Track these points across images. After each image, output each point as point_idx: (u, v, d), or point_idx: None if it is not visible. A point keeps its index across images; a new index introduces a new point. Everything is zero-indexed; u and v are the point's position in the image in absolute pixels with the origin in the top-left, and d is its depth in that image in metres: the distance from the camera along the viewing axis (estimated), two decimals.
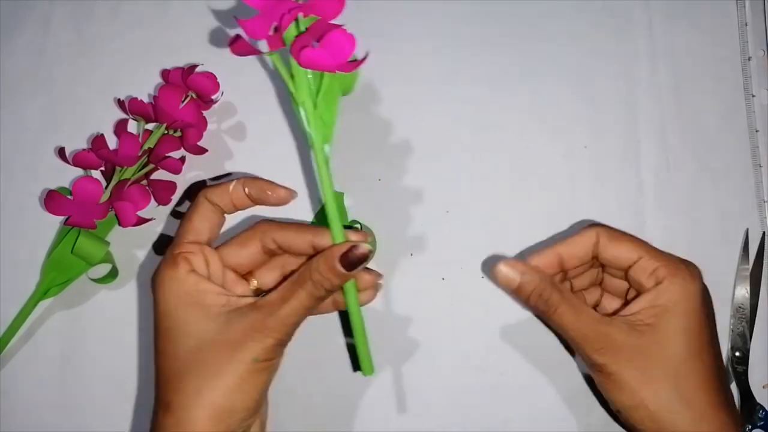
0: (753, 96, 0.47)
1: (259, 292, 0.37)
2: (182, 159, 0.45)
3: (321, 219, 0.44)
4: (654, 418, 0.33)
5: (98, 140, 0.44)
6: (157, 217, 0.45)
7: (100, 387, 0.43)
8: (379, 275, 0.37)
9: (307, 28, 0.31)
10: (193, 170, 0.46)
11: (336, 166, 0.45)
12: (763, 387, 0.42)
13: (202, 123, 0.46)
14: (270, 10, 0.30)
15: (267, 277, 0.38)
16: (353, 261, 0.33)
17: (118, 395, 0.43)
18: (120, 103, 0.45)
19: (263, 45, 0.32)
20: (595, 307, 0.39)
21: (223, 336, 0.32)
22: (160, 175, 0.45)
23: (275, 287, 0.34)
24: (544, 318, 0.35)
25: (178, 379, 0.32)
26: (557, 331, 0.36)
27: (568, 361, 0.42)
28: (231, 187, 0.35)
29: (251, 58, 0.47)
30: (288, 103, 0.47)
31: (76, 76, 0.48)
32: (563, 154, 0.46)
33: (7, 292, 0.44)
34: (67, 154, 0.43)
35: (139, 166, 0.44)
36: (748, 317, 0.43)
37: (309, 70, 0.32)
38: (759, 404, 0.42)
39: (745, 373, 0.42)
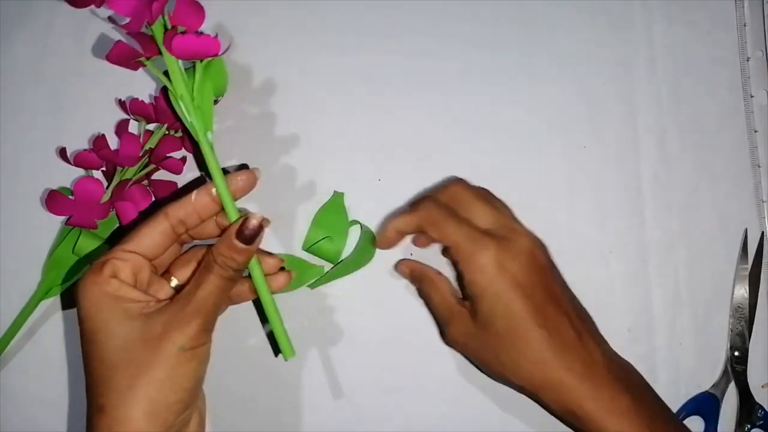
0: (752, 96, 0.47)
1: (180, 289, 0.37)
2: (183, 159, 0.45)
3: (322, 217, 0.44)
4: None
5: (99, 140, 0.44)
6: None
7: None
8: (281, 260, 0.39)
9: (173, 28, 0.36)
10: (194, 170, 0.46)
11: (336, 167, 0.46)
12: (762, 387, 0.43)
13: None
14: (137, 14, 0.34)
15: (184, 273, 0.38)
16: (248, 235, 0.34)
17: None
18: (121, 104, 0.45)
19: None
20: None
21: (146, 333, 0.33)
22: (161, 175, 0.45)
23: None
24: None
25: (107, 380, 0.32)
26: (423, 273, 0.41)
27: None
28: (193, 197, 0.36)
29: (250, 60, 0.48)
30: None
31: (77, 76, 0.48)
32: (562, 154, 0.46)
33: (8, 292, 0.44)
34: (68, 154, 0.43)
35: (140, 166, 0.44)
36: (747, 317, 0.43)
37: (181, 67, 0.36)
38: (758, 404, 0.42)
39: (744, 372, 0.42)
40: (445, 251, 0.43)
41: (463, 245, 0.37)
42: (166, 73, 0.37)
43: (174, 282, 0.38)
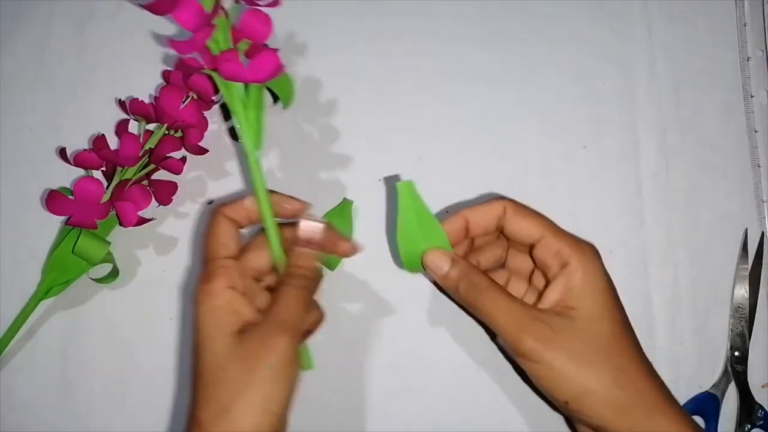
0: (752, 96, 0.47)
1: (271, 289, 0.38)
2: (183, 159, 0.45)
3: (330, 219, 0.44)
4: (604, 399, 0.33)
5: (99, 140, 0.44)
6: (158, 217, 0.45)
7: (100, 387, 0.43)
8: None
9: (236, 47, 0.35)
10: (194, 170, 0.46)
11: (336, 167, 0.46)
12: (762, 387, 0.43)
13: (203, 123, 0.46)
14: (198, 31, 0.33)
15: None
16: (305, 238, 0.35)
17: (119, 395, 0.43)
18: (121, 104, 0.45)
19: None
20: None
21: (243, 352, 0.33)
22: (161, 175, 0.45)
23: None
24: (471, 305, 0.36)
25: (205, 397, 0.33)
26: (481, 320, 0.36)
27: None
28: (247, 201, 0.36)
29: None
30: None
31: (77, 77, 0.48)
32: (562, 154, 0.46)
33: (8, 291, 0.44)
34: (68, 154, 0.43)
35: (140, 166, 0.44)
36: (747, 317, 0.43)
37: (240, 84, 0.35)
38: (758, 404, 0.42)
39: (745, 372, 0.42)
40: (510, 248, 0.39)
41: (563, 248, 0.35)
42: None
43: (264, 282, 0.38)
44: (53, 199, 0.42)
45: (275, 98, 0.46)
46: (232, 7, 0.35)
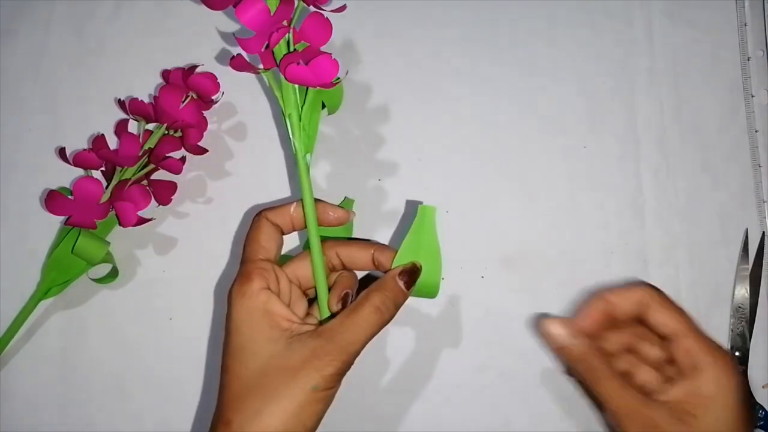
0: (752, 96, 0.47)
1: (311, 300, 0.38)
2: (182, 159, 0.45)
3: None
4: None
5: (99, 140, 0.44)
6: (158, 217, 0.45)
7: (100, 387, 0.43)
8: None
9: (295, 49, 0.34)
10: (194, 170, 0.46)
11: (336, 167, 0.46)
12: (763, 387, 0.43)
13: (203, 123, 0.46)
14: (264, 31, 0.33)
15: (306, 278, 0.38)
16: (411, 278, 0.35)
17: (118, 395, 0.43)
18: (120, 104, 0.45)
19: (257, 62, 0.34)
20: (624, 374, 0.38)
21: (285, 361, 0.32)
22: (161, 175, 0.45)
23: (336, 313, 0.35)
24: (585, 383, 0.35)
25: (240, 399, 0.33)
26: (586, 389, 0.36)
27: None
28: (292, 208, 0.36)
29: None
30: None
31: (77, 76, 0.48)
32: (563, 154, 0.46)
33: (8, 292, 0.44)
34: (67, 154, 0.43)
35: (139, 166, 0.44)
36: (747, 317, 0.43)
37: (296, 87, 0.35)
38: (759, 404, 0.42)
39: (745, 372, 0.42)
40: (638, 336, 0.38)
41: (701, 353, 0.34)
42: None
43: (310, 294, 0.38)
44: (53, 199, 0.42)
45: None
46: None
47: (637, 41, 0.48)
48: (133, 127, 0.46)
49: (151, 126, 0.45)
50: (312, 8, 0.35)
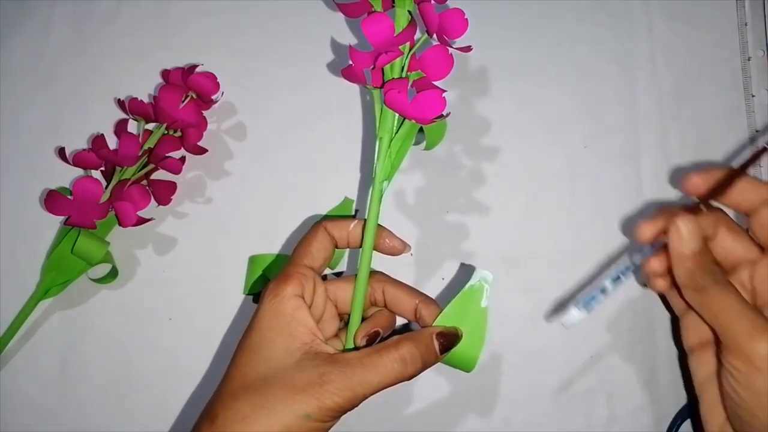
0: (753, 96, 0.47)
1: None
2: (182, 159, 0.45)
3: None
4: None
5: (98, 140, 0.44)
6: (157, 217, 0.45)
7: (100, 387, 0.43)
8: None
9: (407, 76, 0.34)
10: (194, 170, 0.46)
11: (336, 167, 0.46)
12: None
13: (202, 123, 0.46)
14: (382, 48, 0.33)
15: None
16: (448, 345, 0.34)
17: (118, 395, 0.43)
18: (120, 103, 0.45)
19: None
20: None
21: (290, 376, 0.31)
22: (160, 175, 0.45)
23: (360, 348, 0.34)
24: (698, 297, 0.32)
25: (233, 397, 0.32)
26: (698, 311, 0.32)
27: (568, 361, 0.42)
28: (352, 225, 0.36)
29: (250, 60, 0.48)
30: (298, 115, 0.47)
31: (76, 76, 0.48)
32: (563, 154, 0.46)
33: (7, 292, 0.44)
34: (67, 154, 0.43)
35: (139, 166, 0.44)
36: None
37: (396, 114, 0.34)
38: None
39: None
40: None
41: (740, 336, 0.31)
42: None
43: (344, 319, 0.37)
44: (52, 199, 0.42)
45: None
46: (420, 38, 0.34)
47: (638, 41, 0.48)
48: (132, 127, 0.46)
49: (150, 126, 0.45)
50: (434, 40, 0.34)
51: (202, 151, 0.45)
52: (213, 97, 0.46)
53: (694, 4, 0.48)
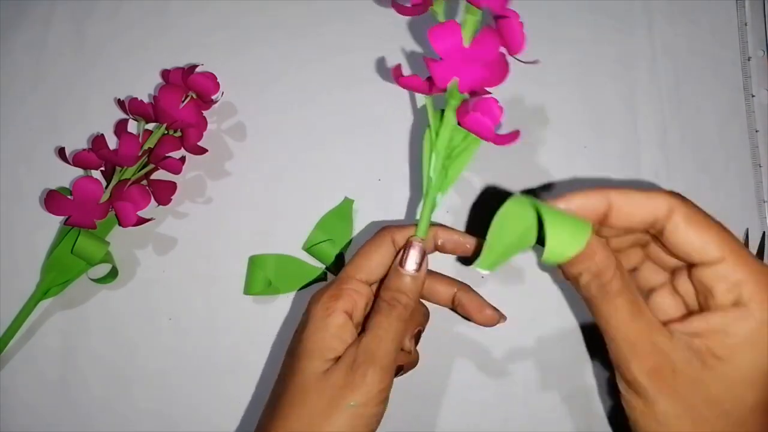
0: (753, 96, 0.47)
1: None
2: (182, 159, 0.45)
3: (327, 221, 0.44)
4: None
5: (98, 140, 0.44)
6: (157, 217, 0.45)
7: (100, 387, 0.43)
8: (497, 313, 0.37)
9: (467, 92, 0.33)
10: (194, 170, 0.46)
11: (336, 167, 0.46)
12: None
13: (202, 123, 0.46)
14: (451, 61, 0.32)
15: None
16: (410, 260, 0.33)
17: (119, 395, 0.43)
18: (120, 103, 0.45)
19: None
20: (633, 270, 0.32)
21: (324, 385, 0.31)
22: (160, 175, 0.45)
23: None
24: (590, 304, 0.28)
25: (280, 415, 0.32)
26: (595, 325, 0.29)
27: (568, 361, 0.42)
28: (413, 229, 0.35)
29: (250, 60, 0.48)
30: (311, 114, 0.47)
31: (76, 76, 0.48)
32: (563, 154, 0.46)
33: (7, 292, 0.44)
34: (67, 154, 0.43)
35: (139, 166, 0.44)
36: None
37: (457, 128, 0.33)
38: None
39: None
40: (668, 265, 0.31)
41: (748, 284, 0.26)
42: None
43: None
44: (52, 199, 0.42)
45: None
46: None
47: (638, 41, 0.48)
48: (132, 126, 0.46)
49: (150, 126, 0.45)
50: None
51: (202, 151, 0.45)
52: (213, 97, 0.46)
53: (694, 4, 0.48)
